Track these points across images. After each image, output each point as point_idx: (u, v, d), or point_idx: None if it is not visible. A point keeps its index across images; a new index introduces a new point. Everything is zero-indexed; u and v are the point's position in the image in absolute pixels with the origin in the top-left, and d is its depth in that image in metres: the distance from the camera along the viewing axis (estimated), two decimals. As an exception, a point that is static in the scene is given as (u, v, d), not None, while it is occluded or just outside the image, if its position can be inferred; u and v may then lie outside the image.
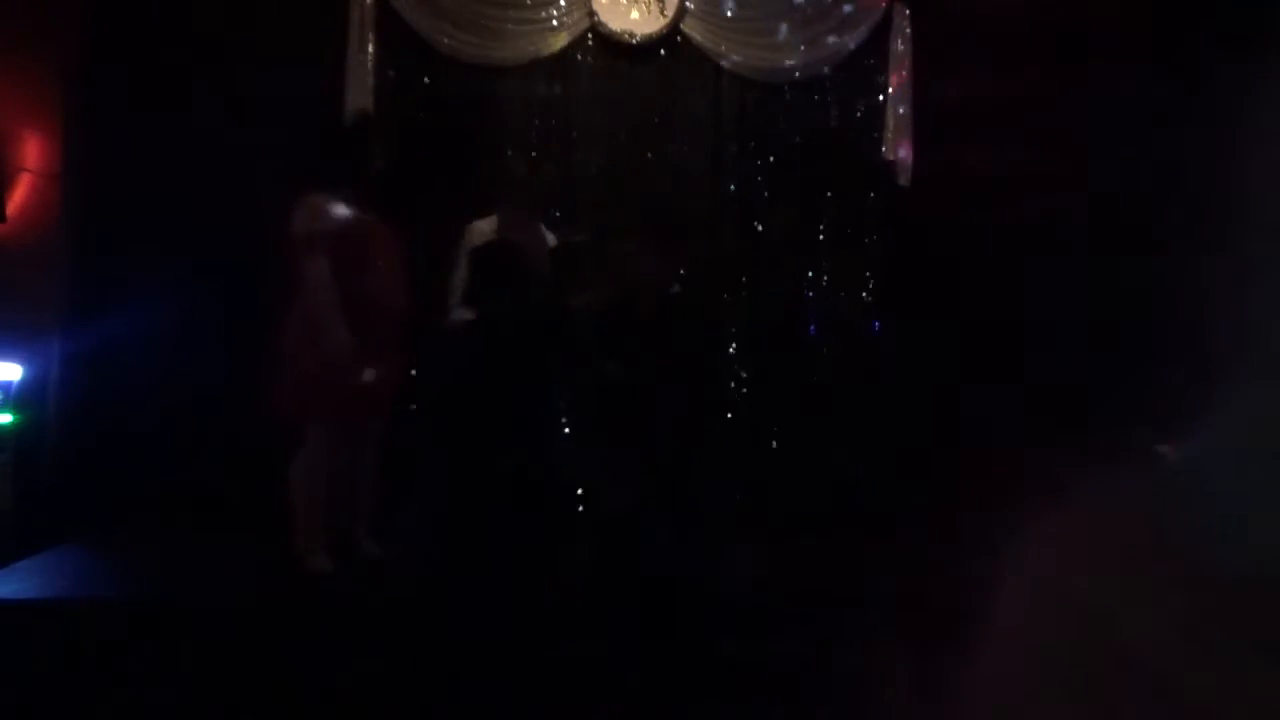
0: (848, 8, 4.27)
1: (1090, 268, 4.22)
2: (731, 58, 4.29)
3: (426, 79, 4.23)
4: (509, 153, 4.23)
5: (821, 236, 4.40)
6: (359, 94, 4.08)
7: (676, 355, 2.96)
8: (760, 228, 4.40)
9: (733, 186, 4.38)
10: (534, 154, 4.26)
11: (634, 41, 4.25)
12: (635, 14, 4.23)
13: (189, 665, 2.76)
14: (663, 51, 4.32)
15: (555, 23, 4.21)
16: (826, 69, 4.33)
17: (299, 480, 3.16)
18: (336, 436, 3.19)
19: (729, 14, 4.28)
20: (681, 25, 4.27)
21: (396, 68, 4.20)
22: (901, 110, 4.30)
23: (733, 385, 4.34)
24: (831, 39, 4.29)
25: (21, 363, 3.70)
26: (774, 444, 4.36)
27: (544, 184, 3.96)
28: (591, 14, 4.21)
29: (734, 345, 4.34)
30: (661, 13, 4.24)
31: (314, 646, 2.82)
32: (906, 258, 4.32)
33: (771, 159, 4.39)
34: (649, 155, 4.35)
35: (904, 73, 4.30)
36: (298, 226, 3.11)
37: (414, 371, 3.53)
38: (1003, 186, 4.30)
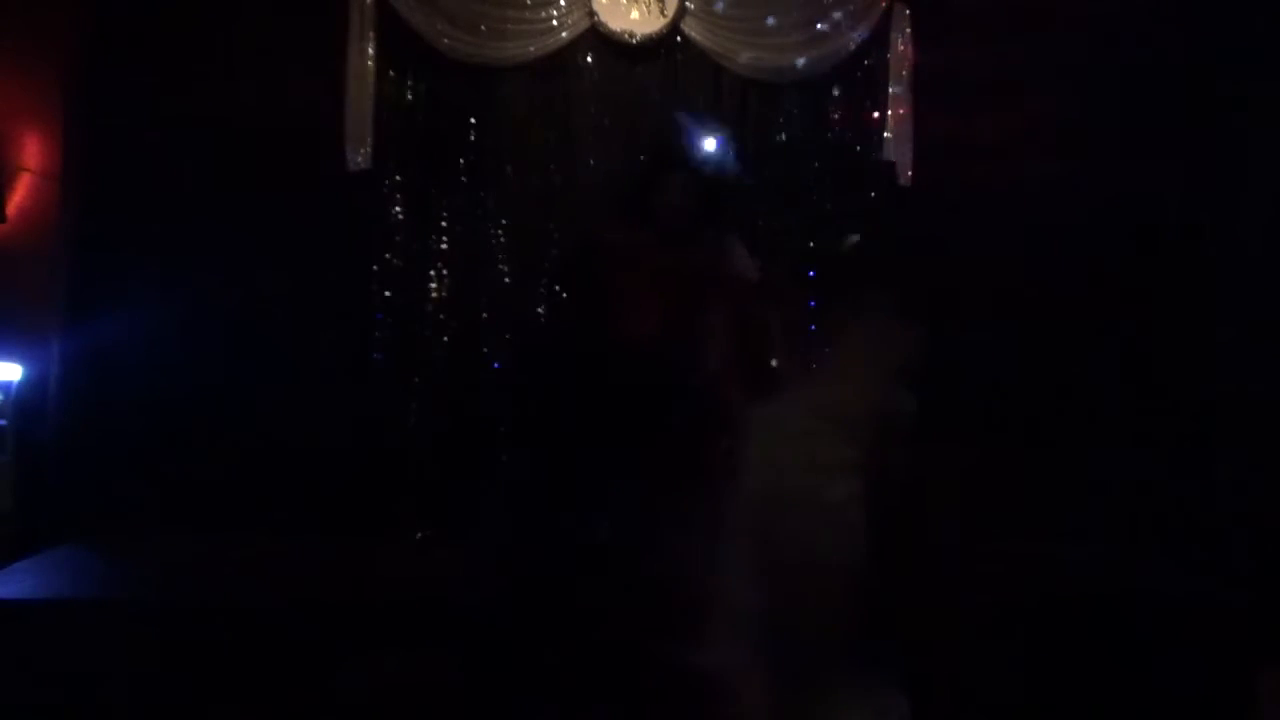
0: (848, 7, 4.26)
1: (1091, 267, 4.22)
2: (732, 57, 4.28)
3: (426, 79, 4.22)
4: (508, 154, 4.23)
5: (822, 236, 4.38)
6: (359, 94, 4.08)
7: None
8: (760, 227, 4.39)
9: (732, 186, 4.37)
10: (532, 154, 4.26)
11: (634, 41, 4.25)
12: (635, 14, 4.23)
13: (189, 666, 2.76)
14: (663, 51, 4.30)
15: (555, 23, 4.21)
16: (827, 68, 4.32)
17: None
18: None
19: (729, 14, 4.27)
20: (681, 25, 4.26)
21: (396, 68, 4.19)
22: (902, 110, 4.29)
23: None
24: (832, 39, 4.28)
25: (21, 363, 3.70)
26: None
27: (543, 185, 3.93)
28: (591, 14, 4.21)
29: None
30: (661, 13, 4.23)
31: (314, 648, 2.82)
32: (906, 257, 4.31)
33: (771, 159, 4.38)
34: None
35: (904, 72, 4.29)
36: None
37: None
38: (1004, 186, 4.30)
